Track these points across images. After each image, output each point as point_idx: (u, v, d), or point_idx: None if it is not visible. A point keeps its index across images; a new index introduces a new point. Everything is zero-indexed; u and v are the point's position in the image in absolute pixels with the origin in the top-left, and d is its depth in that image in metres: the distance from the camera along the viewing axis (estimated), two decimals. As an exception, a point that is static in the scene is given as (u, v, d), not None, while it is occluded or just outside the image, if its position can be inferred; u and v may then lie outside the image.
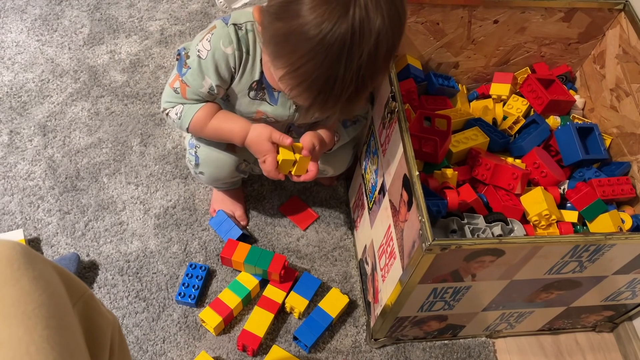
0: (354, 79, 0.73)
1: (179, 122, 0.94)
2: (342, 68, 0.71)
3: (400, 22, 0.75)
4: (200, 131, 0.96)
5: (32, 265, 0.48)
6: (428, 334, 1.10)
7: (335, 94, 0.74)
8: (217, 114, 0.95)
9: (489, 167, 1.05)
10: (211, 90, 0.91)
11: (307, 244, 1.21)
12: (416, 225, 0.80)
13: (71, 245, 1.15)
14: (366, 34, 0.70)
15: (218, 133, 0.95)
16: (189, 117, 0.93)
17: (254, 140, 0.92)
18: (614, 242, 0.82)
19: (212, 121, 0.94)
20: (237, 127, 0.93)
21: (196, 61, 0.89)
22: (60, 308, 0.48)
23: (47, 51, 1.44)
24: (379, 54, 0.72)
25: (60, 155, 1.27)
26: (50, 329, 0.45)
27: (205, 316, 1.05)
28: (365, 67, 0.72)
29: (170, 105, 0.95)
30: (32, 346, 0.44)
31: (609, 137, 1.17)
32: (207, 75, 0.89)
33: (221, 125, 0.94)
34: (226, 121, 0.94)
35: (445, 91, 1.22)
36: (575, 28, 1.17)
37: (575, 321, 1.13)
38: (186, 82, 0.91)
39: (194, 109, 0.93)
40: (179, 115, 0.94)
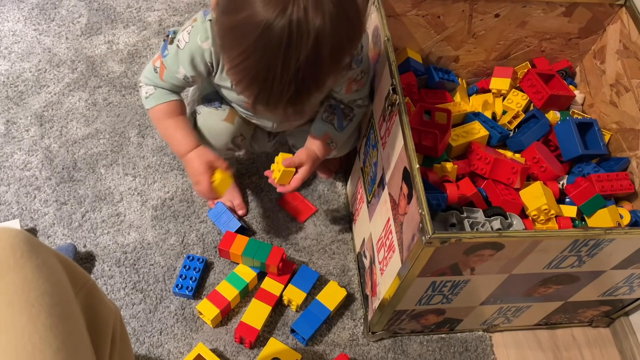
0: (293, 81, 0.71)
1: (145, 101, 0.97)
2: (279, 68, 0.70)
3: (350, 25, 0.73)
4: (156, 121, 0.99)
5: (35, 253, 0.48)
6: (425, 327, 1.10)
7: (275, 94, 0.73)
8: (177, 117, 0.97)
9: (488, 161, 1.05)
10: (186, 79, 0.93)
11: (305, 237, 1.21)
12: (416, 218, 0.80)
13: (68, 236, 1.14)
14: (304, 36, 0.68)
15: (167, 133, 0.98)
16: (151, 104, 0.96)
17: (193, 158, 0.96)
18: (613, 236, 0.82)
19: (169, 121, 0.97)
20: (185, 141, 0.97)
21: (174, 49, 0.91)
22: (63, 296, 0.48)
23: (44, 41, 1.42)
24: (320, 57, 0.70)
25: (57, 145, 1.26)
26: (53, 317, 0.45)
27: (203, 308, 1.05)
28: (304, 69, 0.70)
29: (147, 81, 0.97)
30: (35, 334, 0.43)
31: (608, 133, 1.17)
32: (182, 66, 0.91)
33: (173, 131, 0.97)
34: (178, 130, 0.97)
35: (445, 85, 1.22)
36: (576, 23, 1.17)
37: (572, 316, 1.13)
38: (165, 65, 0.93)
39: (160, 100, 0.96)
40: (147, 95, 0.97)
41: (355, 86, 1.00)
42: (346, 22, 0.71)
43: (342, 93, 1.00)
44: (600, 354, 1.16)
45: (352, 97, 1.02)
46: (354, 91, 1.01)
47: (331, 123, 1.02)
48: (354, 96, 1.02)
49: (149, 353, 1.03)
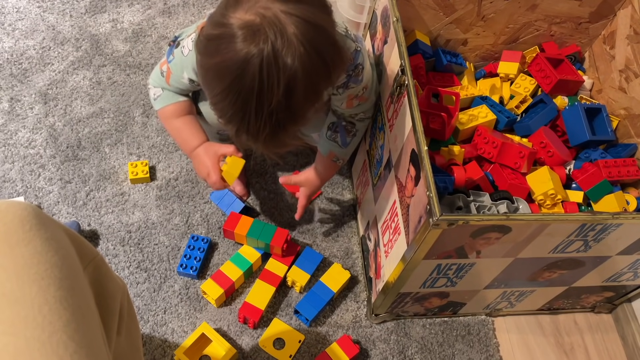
0: (267, 122, 0.72)
1: (154, 102, 1.00)
2: (252, 112, 0.71)
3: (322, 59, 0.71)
4: (165, 122, 1.01)
5: (44, 226, 0.47)
6: (429, 310, 1.10)
7: (252, 133, 0.74)
8: (185, 116, 0.99)
9: (495, 145, 1.04)
10: (191, 82, 0.94)
11: (309, 219, 1.21)
12: (423, 201, 0.79)
13: (72, 215, 1.14)
14: (274, 82, 0.68)
15: (176, 132, 1.00)
16: (160, 105, 0.99)
17: (200, 153, 0.97)
18: (620, 221, 0.82)
19: (176, 120, 0.99)
20: (193, 138, 0.98)
21: (179, 55, 0.93)
22: (72, 270, 0.48)
23: (48, 18, 1.41)
24: (293, 98, 0.70)
25: (61, 124, 1.25)
26: (62, 289, 0.45)
27: (207, 288, 1.05)
28: (277, 112, 0.71)
29: (154, 84, 0.99)
30: (45, 306, 0.43)
31: (616, 119, 1.16)
32: (186, 71, 0.92)
33: (181, 129, 0.99)
34: (186, 128, 0.99)
35: (453, 68, 1.21)
36: (587, 7, 1.15)
37: (574, 301, 1.14)
38: (171, 69, 0.94)
39: (168, 101, 0.98)
40: (155, 97, 0.99)
41: (357, 101, 0.99)
42: (318, 61, 0.70)
43: (342, 108, 1.00)
44: (602, 340, 1.17)
45: (354, 111, 1.02)
46: (356, 106, 1.00)
47: (335, 141, 1.04)
48: (356, 110, 1.02)
49: (153, 332, 1.04)
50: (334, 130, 1.03)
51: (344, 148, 1.04)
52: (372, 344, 1.08)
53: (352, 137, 1.04)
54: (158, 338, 1.03)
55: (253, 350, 1.04)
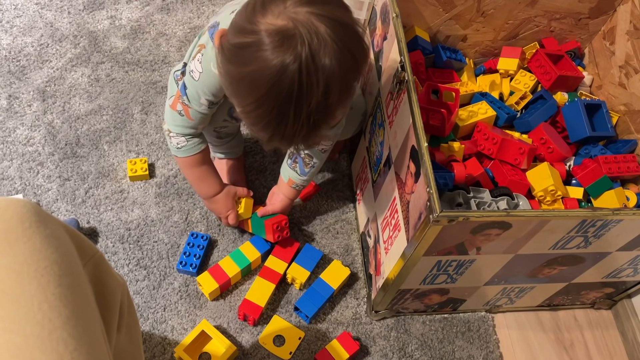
0: (305, 124, 0.72)
1: (176, 151, 0.99)
2: (291, 116, 0.71)
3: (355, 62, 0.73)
4: (185, 170, 1.04)
5: (44, 223, 0.47)
6: (428, 307, 1.10)
7: (288, 136, 0.74)
8: (205, 165, 1.02)
9: (495, 141, 1.04)
10: (211, 105, 0.92)
11: (309, 216, 1.20)
12: (423, 197, 0.79)
13: (71, 212, 1.13)
14: (314, 84, 0.69)
15: (195, 179, 1.04)
16: (184, 155, 0.99)
17: (222, 197, 1.05)
18: (621, 217, 0.82)
19: (196, 169, 1.01)
20: (213, 186, 1.04)
21: (190, 82, 0.90)
22: (72, 267, 0.47)
23: (46, 15, 1.40)
24: (330, 100, 0.71)
25: (60, 121, 1.25)
26: (62, 287, 0.45)
27: (203, 280, 1.05)
28: (315, 113, 0.72)
29: (177, 130, 0.96)
30: (44, 303, 0.43)
31: (616, 115, 1.16)
32: (203, 95, 0.90)
33: (203, 178, 1.03)
34: (207, 177, 1.03)
35: (453, 64, 1.20)
36: (587, 3, 1.15)
37: (574, 298, 1.14)
38: (187, 104, 0.92)
39: (191, 152, 0.98)
40: (179, 147, 0.98)
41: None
42: (350, 57, 0.71)
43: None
44: (602, 336, 1.17)
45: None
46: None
47: (294, 170, 1.05)
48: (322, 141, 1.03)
49: (153, 329, 1.03)
50: (294, 160, 1.05)
51: (302, 176, 1.06)
52: (372, 340, 1.08)
53: (310, 168, 1.05)
54: (158, 335, 1.03)
55: (253, 347, 1.04)
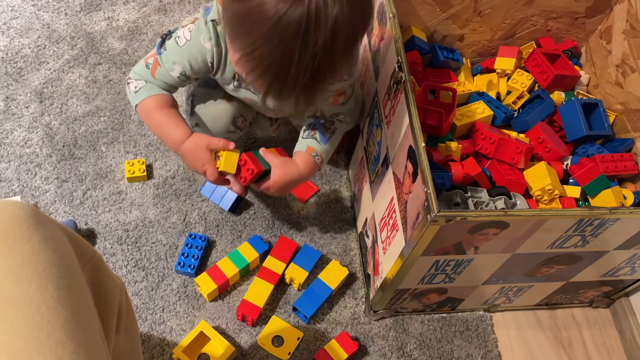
0: (309, 66, 0.70)
1: (133, 96, 0.92)
2: (297, 53, 0.69)
3: (363, 12, 0.72)
4: (145, 116, 0.93)
5: (42, 225, 0.47)
6: (427, 306, 1.10)
7: (290, 81, 0.72)
8: (169, 109, 0.92)
9: (493, 141, 1.04)
10: (181, 76, 0.90)
11: (307, 217, 1.21)
12: (421, 197, 0.79)
13: (69, 214, 1.13)
14: (322, 21, 0.68)
15: (158, 128, 0.93)
16: (141, 97, 0.91)
17: (190, 148, 0.91)
18: (618, 216, 0.82)
19: (158, 113, 0.92)
20: (177, 132, 0.91)
21: (173, 45, 0.89)
22: (70, 269, 0.47)
23: (43, 16, 1.40)
24: (337, 42, 0.70)
25: (57, 122, 1.25)
26: (61, 288, 0.45)
27: (201, 281, 1.05)
28: (321, 54, 0.70)
29: (137, 77, 0.93)
30: (43, 305, 0.43)
31: (613, 114, 1.17)
32: (179, 63, 0.89)
33: (163, 122, 0.92)
34: (169, 121, 0.92)
35: (450, 64, 1.21)
36: (583, 2, 1.16)
37: (572, 296, 1.14)
38: (159, 62, 0.90)
39: (151, 92, 0.91)
40: (137, 89, 0.92)
41: (342, 98, 1.00)
42: (360, 8, 0.71)
43: (327, 104, 1.00)
44: (600, 334, 1.17)
45: (337, 109, 1.02)
46: (340, 104, 1.00)
47: (313, 137, 1.02)
48: (339, 109, 1.02)
49: (151, 330, 1.03)
50: (312, 129, 1.02)
51: (322, 144, 1.01)
52: (371, 340, 1.08)
53: (331, 134, 1.01)
54: (156, 337, 1.03)
55: (252, 347, 1.04)
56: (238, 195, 1.16)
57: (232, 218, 1.18)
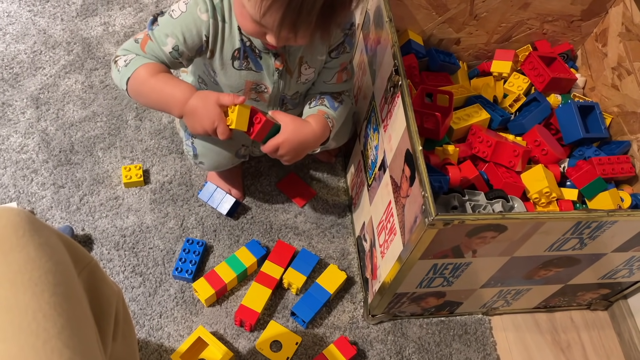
0: None
1: (124, 70, 0.85)
2: None
3: None
4: (139, 87, 0.86)
5: (38, 232, 0.47)
6: (425, 310, 1.10)
7: (307, 6, 0.69)
8: (162, 73, 0.86)
9: (490, 144, 1.04)
10: (174, 52, 0.86)
11: (304, 221, 1.20)
12: (418, 201, 0.79)
13: (66, 219, 1.13)
14: None
15: (155, 92, 0.85)
16: (134, 67, 0.85)
17: (197, 105, 0.84)
18: (615, 219, 0.82)
19: (154, 79, 0.85)
20: (179, 90, 0.85)
21: (166, 19, 0.85)
22: (66, 276, 0.47)
23: (39, 22, 1.40)
24: None
25: (53, 128, 1.24)
26: (57, 295, 0.44)
27: (199, 286, 1.05)
28: None
29: (124, 53, 0.87)
30: (39, 312, 0.43)
31: (610, 116, 1.17)
32: (173, 35, 0.85)
33: (162, 86, 0.85)
34: (167, 83, 0.85)
35: (447, 68, 1.21)
36: (579, 5, 1.16)
37: (571, 299, 1.14)
38: (150, 37, 0.86)
39: (142, 61, 0.85)
40: (127, 62, 0.86)
41: (345, 76, 1.00)
42: None
43: (332, 83, 1.00)
44: (599, 337, 1.17)
45: (342, 87, 1.02)
46: (344, 81, 1.01)
47: (322, 104, 0.99)
48: (344, 87, 1.02)
49: (149, 336, 1.03)
50: (319, 98, 0.99)
51: (332, 110, 0.97)
52: (370, 344, 1.08)
53: (340, 103, 0.99)
54: (154, 342, 1.03)
55: (250, 353, 1.04)
56: (236, 200, 1.16)
57: (229, 223, 1.17)
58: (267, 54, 0.90)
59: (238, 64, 0.92)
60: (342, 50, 0.95)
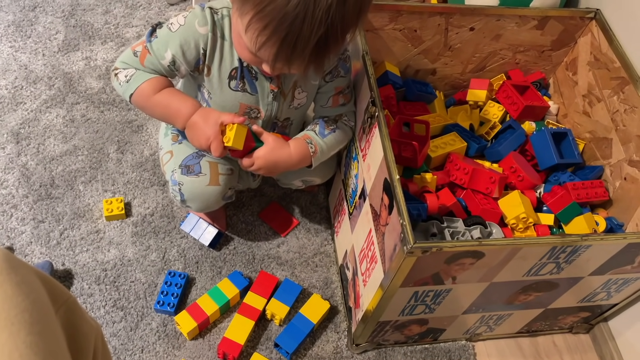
0: (323, 19, 0.70)
1: (126, 85, 0.90)
2: (311, 4, 0.69)
3: None
4: (144, 103, 0.91)
5: (15, 270, 0.47)
6: (409, 338, 1.10)
7: (304, 36, 0.71)
8: (166, 89, 0.91)
9: (467, 171, 1.06)
10: (172, 65, 0.89)
11: (287, 251, 1.21)
12: (397, 229, 0.80)
13: (46, 255, 1.12)
14: None
15: (162, 108, 0.91)
16: (136, 84, 0.89)
17: (198, 121, 0.89)
18: (589, 243, 0.84)
19: (159, 95, 0.90)
20: (184, 105, 0.90)
21: (165, 31, 0.87)
22: (44, 314, 0.47)
23: (21, 57, 1.41)
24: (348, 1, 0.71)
25: (34, 162, 1.24)
26: (33, 334, 0.44)
27: (181, 320, 1.04)
28: (335, 7, 0.70)
29: (125, 66, 0.91)
30: (15, 352, 0.43)
31: (582, 142, 1.20)
32: (171, 49, 0.87)
33: (168, 101, 0.90)
34: (173, 97, 0.90)
35: (423, 97, 1.23)
36: (549, 36, 1.20)
37: (552, 323, 1.15)
38: (149, 49, 0.88)
39: (146, 77, 0.89)
40: (128, 77, 0.90)
41: (342, 99, 1.01)
42: None
43: (328, 107, 1.01)
44: None
45: (339, 111, 1.03)
46: (340, 105, 1.02)
47: (312, 130, 1.01)
48: (340, 110, 1.03)
49: (131, 372, 1.02)
50: (313, 124, 1.01)
51: (319, 137, 0.99)
52: (354, 374, 1.08)
53: (331, 131, 1.00)
54: (136, 378, 1.01)
55: (233, 386, 1.02)
56: (218, 231, 1.16)
57: (212, 254, 1.17)
58: (263, 75, 0.92)
59: (234, 84, 0.93)
60: (336, 74, 0.97)
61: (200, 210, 1.06)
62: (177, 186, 1.00)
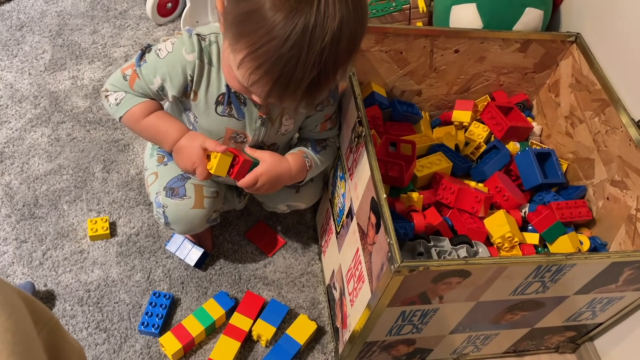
0: (317, 62, 0.71)
1: (116, 108, 0.92)
2: (305, 48, 0.69)
3: (363, 15, 0.75)
4: (133, 125, 0.94)
5: None
6: (396, 358, 1.09)
7: (297, 78, 0.72)
8: (157, 112, 0.93)
9: (453, 191, 1.07)
10: (160, 90, 0.90)
11: (274, 270, 1.20)
12: (384, 248, 0.81)
13: (28, 275, 1.10)
14: (330, 16, 0.69)
15: (151, 131, 0.94)
16: (127, 107, 0.91)
17: (185, 146, 0.91)
18: (574, 262, 0.84)
19: (149, 118, 0.93)
20: (172, 129, 0.92)
21: (153, 58, 0.88)
22: (26, 335, 0.46)
23: (6, 77, 1.40)
24: (342, 39, 0.71)
25: (17, 182, 1.23)
26: (15, 355, 0.43)
27: (166, 341, 1.02)
28: (328, 50, 0.70)
29: (115, 88, 0.93)
30: None
31: (566, 162, 1.22)
32: (160, 75, 0.88)
33: (157, 124, 0.93)
34: (163, 121, 0.93)
35: (409, 118, 1.25)
36: (531, 58, 1.23)
37: (539, 342, 1.15)
38: (138, 74, 0.90)
39: (136, 101, 0.92)
40: (118, 101, 0.92)
41: (330, 124, 1.02)
42: (362, 13, 0.74)
43: (316, 131, 1.02)
44: (568, 380, 1.18)
45: (326, 135, 1.04)
46: (328, 129, 1.03)
47: (305, 146, 1.02)
48: (327, 134, 1.04)
49: (113, 395, 1.00)
50: (304, 142, 1.03)
51: (313, 152, 1.01)
52: (341, 396, 1.06)
53: (322, 148, 1.02)
54: (118, 402, 0.99)
55: (219, 409, 1.01)
56: (204, 251, 1.15)
57: (197, 274, 1.16)
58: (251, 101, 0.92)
59: (221, 110, 0.93)
60: (326, 103, 0.98)
61: (184, 233, 1.06)
62: (162, 208, 1.00)
